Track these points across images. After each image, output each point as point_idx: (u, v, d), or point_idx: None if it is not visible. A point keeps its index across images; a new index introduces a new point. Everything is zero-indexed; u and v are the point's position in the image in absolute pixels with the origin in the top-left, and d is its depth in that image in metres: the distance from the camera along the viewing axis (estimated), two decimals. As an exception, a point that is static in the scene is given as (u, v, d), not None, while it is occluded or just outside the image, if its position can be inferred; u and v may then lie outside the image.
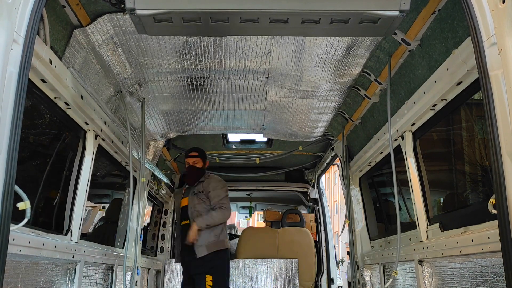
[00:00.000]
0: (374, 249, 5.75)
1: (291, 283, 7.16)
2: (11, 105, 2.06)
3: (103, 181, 5.13)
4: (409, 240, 4.36)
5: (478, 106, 3.22)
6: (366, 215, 5.98)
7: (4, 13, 2.04)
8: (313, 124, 5.88)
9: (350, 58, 4.06)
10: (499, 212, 2.11)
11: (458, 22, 2.93)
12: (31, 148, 3.33)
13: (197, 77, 4.53)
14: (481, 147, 3.27)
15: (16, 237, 2.66)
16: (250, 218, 12.02)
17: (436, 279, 3.69)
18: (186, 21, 2.78)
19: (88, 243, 4.21)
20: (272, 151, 7.14)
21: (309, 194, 8.29)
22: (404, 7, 2.63)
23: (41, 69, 2.88)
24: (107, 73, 4.08)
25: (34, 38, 2.19)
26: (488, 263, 2.91)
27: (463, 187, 3.70)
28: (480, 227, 3.02)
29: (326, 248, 7.76)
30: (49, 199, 3.69)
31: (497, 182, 2.12)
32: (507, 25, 2.13)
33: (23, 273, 2.96)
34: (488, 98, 2.19)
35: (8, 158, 2.01)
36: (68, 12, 3.15)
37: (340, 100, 5.07)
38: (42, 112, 3.34)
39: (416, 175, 4.14)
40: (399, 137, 4.26)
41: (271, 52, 4.02)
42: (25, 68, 2.13)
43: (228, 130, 6.20)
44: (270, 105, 5.27)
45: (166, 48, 3.92)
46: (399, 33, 3.47)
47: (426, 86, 3.51)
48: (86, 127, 3.93)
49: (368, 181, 5.92)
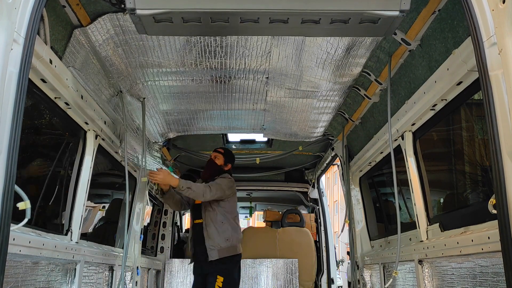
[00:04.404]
0: (374, 249, 5.75)
1: (291, 283, 7.16)
2: (11, 105, 2.05)
3: (103, 181, 5.13)
4: (409, 240, 4.37)
5: (478, 106, 3.22)
6: (366, 215, 5.98)
7: (4, 13, 2.04)
8: (313, 124, 5.88)
9: (350, 58, 4.06)
10: (499, 212, 2.11)
11: (458, 22, 2.93)
12: (31, 148, 3.33)
13: (197, 77, 4.54)
14: (481, 147, 3.27)
15: (16, 237, 2.66)
16: (250, 218, 12.02)
17: (436, 279, 3.69)
18: (186, 21, 2.78)
19: (88, 243, 4.21)
20: (272, 151, 7.14)
21: (309, 194, 8.29)
22: (404, 7, 2.63)
23: (41, 69, 2.88)
24: (107, 73, 4.08)
25: (34, 38, 2.19)
26: (488, 263, 2.92)
27: (463, 187, 3.70)
28: (480, 227, 3.02)
29: (326, 248, 7.75)
30: (49, 199, 3.69)
31: (497, 182, 2.12)
32: (507, 25, 2.13)
33: (23, 273, 2.97)
34: (488, 98, 2.19)
35: (8, 158, 2.01)
36: (68, 12, 3.15)
37: (340, 100, 5.07)
38: (42, 112, 3.34)
39: (416, 175, 4.14)
40: (399, 137, 4.26)
41: (271, 52, 4.02)
42: (25, 68, 2.13)
43: (228, 130, 6.20)
44: (270, 105, 5.27)
45: (166, 48, 3.92)
46: (399, 33, 3.47)
47: (426, 86, 3.51)
48: (86, 127, 3.93)
49: (368, 181, 5.92)
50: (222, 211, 5.21)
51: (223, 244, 5.14)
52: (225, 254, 5.14)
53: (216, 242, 5.13)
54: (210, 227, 5.17)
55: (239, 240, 5.31)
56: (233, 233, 5.23)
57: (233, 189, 5.35)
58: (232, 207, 5.36)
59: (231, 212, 5.30)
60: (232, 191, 5.33)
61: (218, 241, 5.13)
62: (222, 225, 5.18)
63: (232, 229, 5.23)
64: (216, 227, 5.16)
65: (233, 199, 5.40)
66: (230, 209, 5.31)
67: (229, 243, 5.17)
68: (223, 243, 5.14)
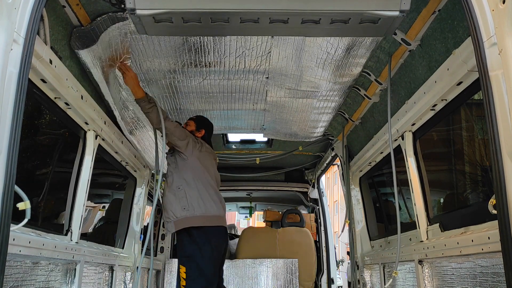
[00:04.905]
0: (374, 249, 5.75)
1: (291, 283, 7.16)
2: (11, 105, 2.05)
3: (103, 181, 5.13)
4: (409, 240, 4.36)
5: (478, 106, 3.22)
6: (366, 215, 5.98)
7: (4, 13, 2.04)
8: (313, 124, 5.88)
9: (350, 58, 4.06)
10: (499, 212, 2.11)
11: (458, 22, 2.93)
12: (31, 148, 3.33)
13: (197, 77, 4.53)
14: (481, 147, 3.27)
15: (16, 237, 2.67)
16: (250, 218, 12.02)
17: (436, 279, 3.69)
18: (186, 21, 2.78)
19: (88, 243, 4.21)
20: (272, 151, 7.13)
21: (309, 194, 8.29)
22: (404, 7, 2.63)
23: (41, 69, 2.88)
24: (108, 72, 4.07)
25: (34, 38, 2.19)
26: (488, 263, 2.91)
27: (463, 187, 3.70)
28: (480, 227, 3.02)
29: (326, 248, 7.75)
30: (49, 199, 3.69)
31: (497, 182, 2.12)
32: (508, 25, 2.13)
33: (23, 273, 2.97)
34: (489, 98, 2.19)
35: (8, 158, 2.01)
36: (68, 12, 3.15)
37: (340, 100, 5.07)
38: (42, 112, 3.34)
39: (416, 175, 4.14)
40: (399, 137, 4.26)
41: (271, 52, 4.02)
42: (25, 68, 2.12)
43: (228, 130, 6.20)
44: (270, 105, 5.27)
45: (166, 47, 3.92)
46: (399, 33, 3.47)
47: (426, 86, 3.51)
48: (86, 127, 3.93)
49: (368, 181, 5.92)
50: (180, 174, 4.50)
51: (179, 214, 4.42)
52: (182, 225, 4.40)
53: (170, 213, 4.45)
54: (164, 195, 4.56)
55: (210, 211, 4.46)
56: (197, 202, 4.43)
57: (194, 146, 4.58)
58: (198, 170, 4.56)
59: (197, 178, 4.52)
60: (192, 147, 4.55)
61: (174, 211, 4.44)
62: (178, 191, 4.48)
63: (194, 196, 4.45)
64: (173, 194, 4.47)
65: (198, 161, 4.59)
66: (194, 172, 4.53)
67: (188, 213, 4.40)
68: (179, 213, 4.42)
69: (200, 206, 4.44)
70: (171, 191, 4.51)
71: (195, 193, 4.47)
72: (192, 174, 4.52)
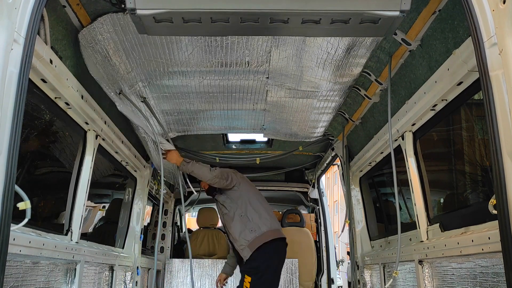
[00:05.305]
0: (374, 249, 5.75)
1: (291, 283, 7.16)
2: (11, 105, 2.06)
3: (103, 181, 5.13)
4: (409, 240, 4.36)
5: (479, 106, 3.23)
6: (366, 215, 5.98)
7: (5, 13, 2.04)
8: (313, 124, 5.88)
9: (350, 58, 4.06)
10: (499, 213, 2.11)
11: (458, 22, 2.93)
12: (31, 148, 3.33)
13: (197, 77, 4.53)
14: (481, 147, 3.27)
15: (16, 237, 2.67)
16: (250, 218, 12.00)
17: (436, 279, 3.69)
18: (187, 21, 2.78)
19: (88, 243, 4.21)
20: (272, 151, 7.13)
21: (309, 194, 8.28)
22: (404, 7, 2.63)
23: (41, 69, 2.88)
24: (108, 73, 4.07)
25: (34, 38, 2.19)
26: (488, 263, 2.91)
27: (464, 187, 3.70)
28: (480, 227, 3.02)
29: (326, 248, 7.75)
30: (49, 199, 3.70)
31: (497, 182, 2.12)
32: (508, 26, 2.13)
33: (23, 273, 2.97)
34: (489, 99, 2.19)
35: (8, 158, 2.01)
36: (69, 12, 3.15)
37: (341, 100, 5.07)
38: (43, 112, 3.34)
39: (417, 175, 4.14)
40: (400, 137, 4.26)
41: (271, 52, 4.02)
42: (25, 68, 2.13)
43: (228, 130, 6.20)
44: (271, 105, 5.27)
45: (166, 47, 3.92)
46: (400, 33, 3.47)
47: (426, 86, 3.51)
48: (86, 127, 3.93)
49: (368, 181, 5.92)
50: (236, 204, 5.13)
51: (249, 237, 4.95)
52: (255, 246, 4.94)
53: (242, 240, 4.97)
54: (230, 228, 5.10)
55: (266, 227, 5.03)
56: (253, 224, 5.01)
57: (234, 177, 5.25)
58: (247, 194, 5.23)
59: (251, 201, 5.17)
60: (234, 178, 5.22)
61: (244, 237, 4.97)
62: (242, 218, 5.06)
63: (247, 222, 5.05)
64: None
65: (244, 186, 5.27)
66: (246, 196, 5.19)
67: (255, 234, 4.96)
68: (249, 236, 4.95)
69: (264, 223, 5.02)
70: (235, 221, 5.05)
71: (255, 214, 5.06)
72: (246, 199, 5.15)
